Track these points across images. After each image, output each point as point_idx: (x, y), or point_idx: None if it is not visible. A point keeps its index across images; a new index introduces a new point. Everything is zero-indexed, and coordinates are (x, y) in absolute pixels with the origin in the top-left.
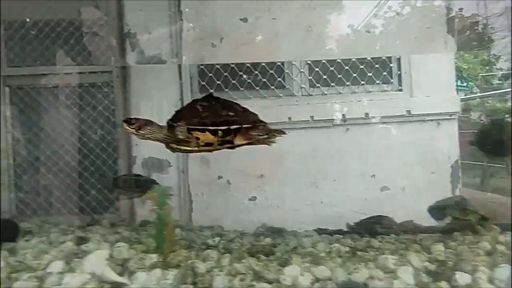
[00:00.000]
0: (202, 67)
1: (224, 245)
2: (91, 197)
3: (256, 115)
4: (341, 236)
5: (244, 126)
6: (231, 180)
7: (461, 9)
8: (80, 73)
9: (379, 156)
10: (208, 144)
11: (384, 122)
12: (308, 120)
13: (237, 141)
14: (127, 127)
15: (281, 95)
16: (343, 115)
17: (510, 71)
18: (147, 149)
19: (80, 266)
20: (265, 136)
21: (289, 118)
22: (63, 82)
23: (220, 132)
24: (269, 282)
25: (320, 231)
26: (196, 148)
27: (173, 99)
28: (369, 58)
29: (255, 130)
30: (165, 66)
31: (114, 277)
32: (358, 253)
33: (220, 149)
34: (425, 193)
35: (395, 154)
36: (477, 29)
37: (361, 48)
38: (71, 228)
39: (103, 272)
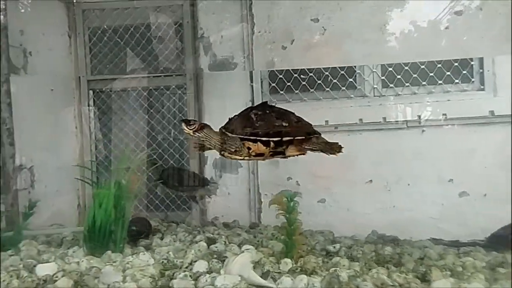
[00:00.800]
0: (272, 69)
1: (346, 252)
2: (165, 196)
3: (310, 125)
4: (456, 247)
5: (296, 138)
6: (300, 182)
7: None
8: (155, 76)
9: (457, 159)
10: (259, 154)
11: (464, 124)
12: (381, 122)
13: (289, 152)
14: (185, 128)
15: (352, 96)
16: (419, 116)
17: None
18: None
19: (224, 267)
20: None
21: (360, 120)
22: (140, 85)
23: (272, 143)
24: None
25: (435, 241)
26: (247, 158)
27: (244, 100)
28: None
29: (308, 143)
30: (237, 68)
31: (260, 280)
32: (499, 269)
33: (271, 158)
34: (510, 200)
35: (476, 158)
36: None
37: (440, 48)
38: (189, 227)
39: (249, 275)
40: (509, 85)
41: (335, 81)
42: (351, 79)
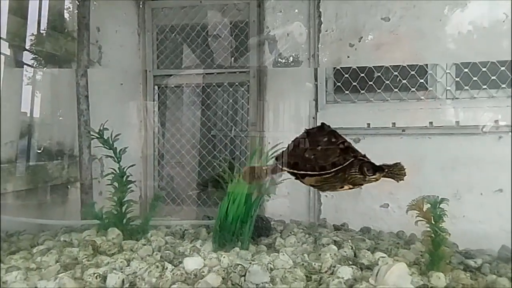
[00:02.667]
0: (338, 68)
1: (491, 269)
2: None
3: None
4: None
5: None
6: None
7: None
8: (219, 73)
9: None
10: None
11: None
12: (453, 126)
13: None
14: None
15: (422, 97)
16: (496, 121)
17: None
18: (280, 148)
19: (374, 277)
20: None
21: (431, 123)
22: (204, 82)
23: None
24: None
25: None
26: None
27: (307, 99)
28: None
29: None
30: (301, 67)
31: None
32: None
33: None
34: None
35: None
36: None
37: None
38: (303, 227)
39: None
40: None
41: (404, 81)
42: (422, 80)
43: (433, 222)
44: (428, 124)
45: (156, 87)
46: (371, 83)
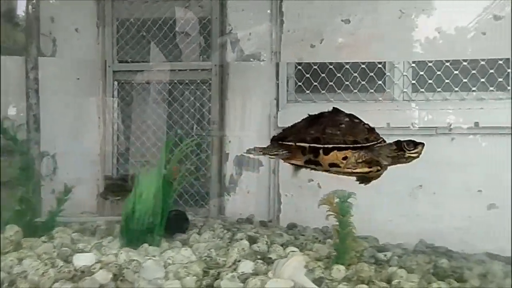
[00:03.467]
0: (299, 67)
1: (398, 261)
2: (184, 192)
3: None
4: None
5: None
6: (321, 184)
7: None
8: (180, 70)
9: (488, 170)
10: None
11: (496, 133)
12: (409, 127)
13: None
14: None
15: (380, 99)
16: (449, 123)
17: None
18: (241, 146)
19: (273, 270)
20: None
21: (388, 124)
22: (164, 78)
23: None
24: None
25: (491, 256)
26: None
27: (268, 98)
28: (483, 63)
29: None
30: (263, 66)
31: (312, 286)
32: None
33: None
34: None
35: (508, 169)
36: None
37: (473, 51)
38: (225, 223)
39: (301, 281)
40: None
41: (363, 82)
42: (380, 82)
43: (341, 216)
44: (386, 125)
45: (116, 82)
46: (331, 83)
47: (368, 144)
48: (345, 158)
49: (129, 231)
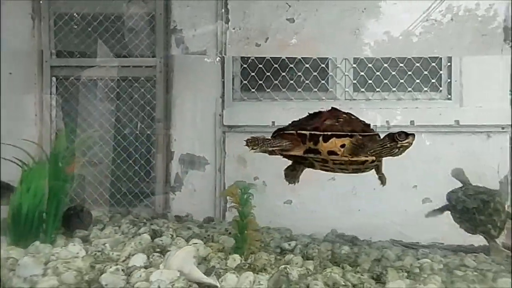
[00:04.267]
0: (245, 66)
1: (301, 250)
2: (128, 190)
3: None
4: (414, 249)
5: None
6: (267, 182)
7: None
8: (124, 66)
9: (422, 166)
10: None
11: (431, 132)
12: None
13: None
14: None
15: (323, 98)
16: (387, 121)
17: None
18: (186, 145)
19: (164, 262)
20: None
21: None
22: (107, 75)
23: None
24: None
25: (394, 243)
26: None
27: (214, 96)
28: (418, 65)
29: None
30: (208, 63)
31: (201, 277)
32: (457, 272)
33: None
34: None
35: (440, 165)
36: None
37: (412, 53)
38: (136, 219)
39: (190, 271)
40: (475, 95)
41: (307, 82)
42: (323, 81)
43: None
44: None
45: (53, 78)
46: (276, 82)
47: (364, 134)
48: (343, 146)
49: (16, 228)
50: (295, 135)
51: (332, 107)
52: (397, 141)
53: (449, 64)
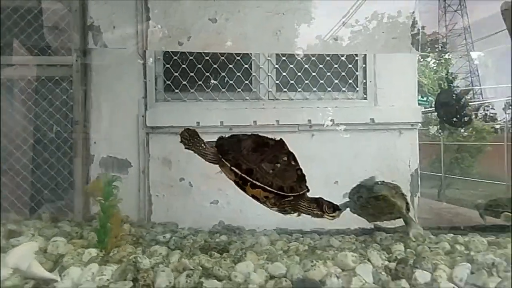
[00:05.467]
0: (168, 66)
1: (176, 242)
2: (44, 195)
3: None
4: (300, 235)
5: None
6: (193, 183)
7: (423, 27)
8: (37, 65)
9: (342, 163)
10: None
11: (349, 130)
12: (274, 125)
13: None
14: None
15: (247, 98)
16: (309, 120)
17: (466, 89)
18: (107, 148)
19: (3, 260)
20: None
21: (255, 122)
22: (19, 74)
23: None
24: (220, 279)
25: (279, 231)
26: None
27: (136, 97)
28: (336, 66)
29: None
30: (129, 63)
31: (41, 272)
32: (318, 251)
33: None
34: None
35: (359, 161)
36: (437, 46)
37: (327, 55)
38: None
39: (29, 267)
40: (388, 95)
41: (231, 82)
42: (247, 82)
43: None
44: (253, 123)
45: None
46: (200, 82)
47: (291, 194)
48: (266, 197)
49: None
50: (230, 168)
51: (280, 139)
52: (324, 212)
53: (364, 65)
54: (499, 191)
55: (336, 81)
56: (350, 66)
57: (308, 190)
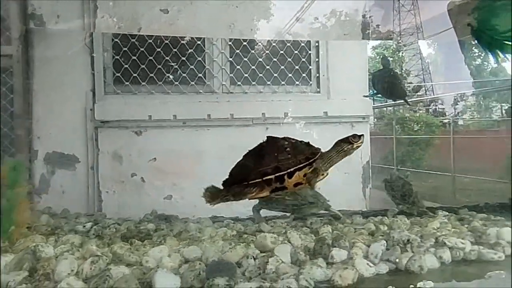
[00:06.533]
0: (117, 57)
1: (97, 231)
2: None
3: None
4: (232, 221)
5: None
6: (145, 178)
7: (378, 25)
8: None
9: None
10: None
11: (303, 122)
12: (228, 118)
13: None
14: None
15: (201, 91)
16: (263, 114)
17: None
18: (52, 143)
19: None
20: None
21: (209, 116)
22: None
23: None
24: (129, 265)
25: (214, 219)
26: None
27: (84, 90)
28: (289, 59)
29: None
30: (76, 53)
31: None
32: (244, 236)
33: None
34: (339, 192)
35: None
36: (391, 44)
37: (281, 49)
38: None
39: None
40: (340, 89)
41: (184, 75)
42: (200, 75)
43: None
44: (207, 116)
45: None
46: (152, 75)
47: (316, 156)
48: (305, 175)
49: None
50: (261, 182)
51: (268, 137)
52: (353, 143)
53: (317, 60)
54: (447, 181)
55: (290, 75)
56: (303, 60)
57: (319, 149)
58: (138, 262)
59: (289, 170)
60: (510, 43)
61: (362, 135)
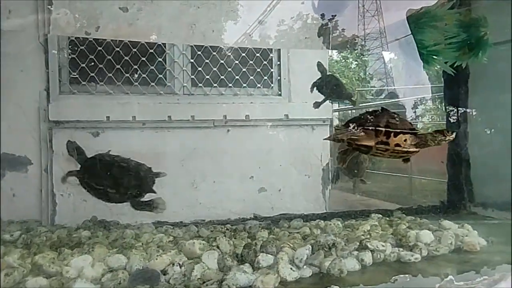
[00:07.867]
0: (73, 56)
1: (25, 240)
2: None
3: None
4: (171, 227)
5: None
6: None
7: (343, 30)
8: None
9: (258, 158)
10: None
11: (264, 125)
12: (189, 120)
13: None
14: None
15: (161, 92)
16: (225, 116)
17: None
18: (2, 144)
19: None
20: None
21: (169, 117)
22: None
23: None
24: (49, 276)
25: (157, 224)
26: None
27: (37, 89)
28: (251, 62)
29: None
30: (28, 51)
31: None
32: (180, 241)
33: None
34: (299, 194)
35: (273, 156)
36: (356, 49)
37: (243, 51)
38: None
39: None
40: (301, 92)
41: (144, 76)
42: (161, 75)
43: None
44: (167, 118)
45: None
46: (110, 75)
47: (417, 132)
48: (405, 140)
49: None
50: (372, 130)
51: (382, 108)
52: (446, 136)
53: (278, 63)
54: (404, 183)
55: (251, 77)
56: (265, 62)
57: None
58: (59, 272)
59: (396, 130)
60: (436, 57)
61: (455, 131)
